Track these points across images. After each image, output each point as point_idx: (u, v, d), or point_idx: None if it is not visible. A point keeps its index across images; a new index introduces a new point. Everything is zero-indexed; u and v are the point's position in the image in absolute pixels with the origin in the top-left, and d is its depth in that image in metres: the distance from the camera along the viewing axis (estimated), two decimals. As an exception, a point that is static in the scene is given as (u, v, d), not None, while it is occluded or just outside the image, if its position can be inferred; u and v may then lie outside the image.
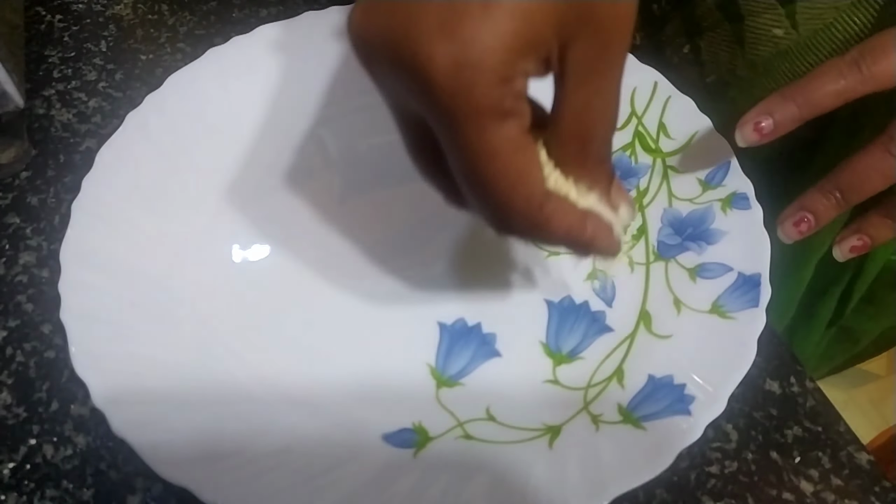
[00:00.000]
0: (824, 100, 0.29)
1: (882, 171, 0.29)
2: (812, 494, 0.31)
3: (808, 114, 0.30)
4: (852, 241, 0.32)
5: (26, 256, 0.36)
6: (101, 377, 0.28)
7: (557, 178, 0.24)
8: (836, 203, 0.31)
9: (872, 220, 0.32)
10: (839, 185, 0.30)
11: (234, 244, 0.34)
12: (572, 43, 0.21)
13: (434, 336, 0.32)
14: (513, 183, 0.22)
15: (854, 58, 0.29)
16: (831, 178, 0.31)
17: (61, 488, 0.30)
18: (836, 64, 0.29)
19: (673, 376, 0.29)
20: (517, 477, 0.27)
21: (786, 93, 0.30)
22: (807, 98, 0.29)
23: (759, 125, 0.30)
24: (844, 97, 0.29)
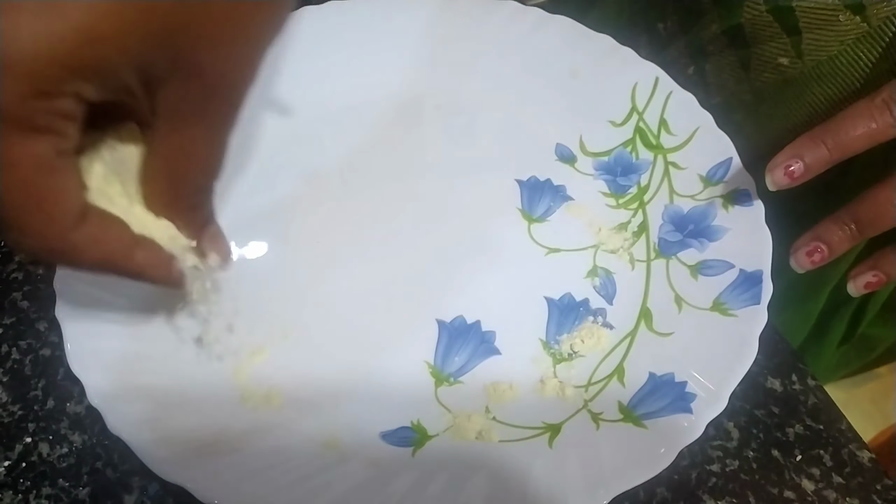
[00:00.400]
0: (855, 143, 0.29)
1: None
2: (813, 493, 0.30)
3: (837, 157, 0.30)
4: (867, 277, 0.31)
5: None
6: (97, 375, 0.28)
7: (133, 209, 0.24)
8: (851, 235, 0.30)
9: (889, 257, 0.31)
10: (856, 217, 0.30)
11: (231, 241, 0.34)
12: (163, 85, 0.21)
13: (433, 334, 0.32)
14: (30, 202, 0.21)
15: (885, 100, 0.28)
16: (849, 209, 0.30)
17: (57, 486, 0.29)
18: (866, 107, 0.29)
19: (674, 374, 0.29)
20: (517, 476, 0.27)
21: (816, 135, 0.30)
22: (837, 141, 0.29)
23: (789, 168, 0.30)
24: (875, 140, 0.29)
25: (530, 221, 0.36)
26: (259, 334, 0.32)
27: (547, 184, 0.37)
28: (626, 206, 0.36)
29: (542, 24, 0.40)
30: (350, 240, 0.35)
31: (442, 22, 0.40)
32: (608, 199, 0.36)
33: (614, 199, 0.36)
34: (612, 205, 0.36)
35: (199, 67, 0.21)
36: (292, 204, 0.36)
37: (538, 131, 0.39)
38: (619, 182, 0.37)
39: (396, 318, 0.32)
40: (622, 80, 0.38)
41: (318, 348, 0.31)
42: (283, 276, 0.33)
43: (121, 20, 0.19)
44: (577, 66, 0.39)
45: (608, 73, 0.38)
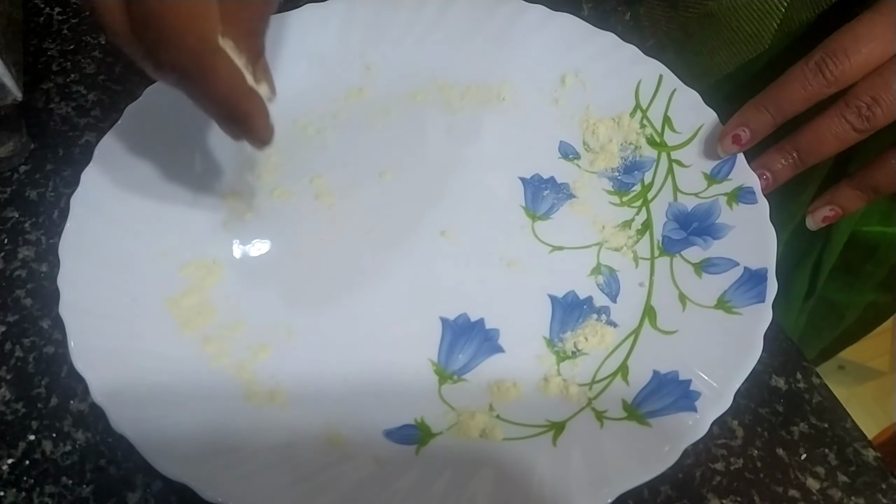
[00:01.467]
0: (794, 105, 0.32)
1: (836, 135, 0.31)
2: (818, 491, 0.30)
3: (780, 120, 0.33)
4: (824, 211, 0.34)
5: (25, 251, 0.36)
6: (101, 373, 0.28)
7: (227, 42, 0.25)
8: (794, 163, 0.33)
9: (844, 192, 0.34)
10: (797, 146, 0.33)
11: (234, 239, 0.34)
12: None
13: (436, 331, 0.32)
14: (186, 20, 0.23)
15: (817, 63, 0.31)
16: (791, 139, 0.33)
17: (60, 484, 0.29)
18: (801, 71, 0.31)
19: (678, 372, 0.29)
20: (520, 474, 0.27)
21: (758, 103, 0.33)
22: (778, 106, 0.32)
23: (737, 136, 0.33)
24: (812, 101, 0.32)
25: (534, 219, 0.35)
26: (262, 332, 0.32)
27: (550, 181, 0.37)
28: (629, 204, 0.36)
29: (545, 21, 0.40)
30: (353, 238, 0.35)
31: (444, 20, 0.40)
32: (612, 197, 0.36)
33: (618, 197, 0.36)
34: (616, 202, 0.36)
35: None
36: (295, 202, 0.36)
37: (541, 129, 0.38)
38: (622, 180, 0.36)
39: (400, 316, 0.32)
40: (626, 77, 0.38)
41: (321, 346, 0.31)
42: (287, 275, 0.33)
43: None
44: (580, 63, 0.39)
45: (611, 70, 0.38)
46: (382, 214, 0.35)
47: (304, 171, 0.37)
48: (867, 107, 0.31)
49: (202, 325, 0.31)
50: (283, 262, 0.34)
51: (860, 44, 0.30)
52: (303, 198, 0.36)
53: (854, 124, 0.31)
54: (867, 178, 0.33)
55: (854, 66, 0.31)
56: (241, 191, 0.36)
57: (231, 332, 0.31)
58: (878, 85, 0.30)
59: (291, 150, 0.37)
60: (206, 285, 0.32)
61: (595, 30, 0.39)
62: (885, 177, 0.33)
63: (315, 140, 0.38)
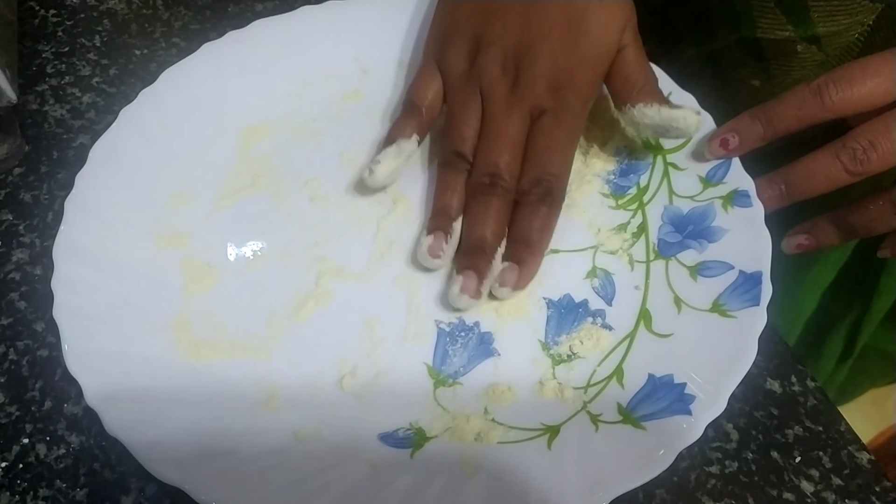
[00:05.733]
0: (786, 123, 0.32)
1: (827, 174, 0.31)
2: (813, 494, 0.30)
3: (770, 135, 0.32)
4: (800, 238, 0.34)
5: (19, 253, 0.36)
6: (95, 376, 0.28)
7: None
8: (780, 195, 0.33)
9: (822, 225, 0.34)
10: (786, 179, 0.32)
11: (228, 242, 0.34)
12: None
13: (431, 335, 0.32)
14: None
15: (819, 85, 0.31)
16: (781, 171, 0.33)
17: (54, 488, 0.29)
18: (801, 91, 0.31)
19: (673, 375, 0.29)
20: (516, 477, 0.27)
21: (753, 114, 0.33)
22: (770, 120, 0.32)
23: (725, 141, 0.33)
24: (806, 122, 0.31)
25: (529, 222, 0.35)
26: (256, 336, 0.32)
27: (546, 184, 0.37)
28: (625, 207, 0.36)
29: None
30: (349, 240, 0.35)
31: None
32: (607, 200, 0.36)
33: (614, 200, 0.36)
34: (612, 205, 0.36)
35: None
36: (290, 204, 0.36)
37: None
38: (618, 183, 0.36)
39: (395, 320, 0.32)
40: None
41: (315, 349, 0.31)
42: (281, 277, 0.33)
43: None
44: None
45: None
46: (377, 218, 0.35)
47: (299, 173, 0.37)
48: (863, 150, 0.30)
49: (196, 328, 0.31)
50: (278, 264, 0.34)
51: (866, 77, 0.30)
52: (298, 200, 0.36)
53: (847, 165, 0.31)
54: (846, 218, 0.33)
55: (854, 96, 0.30)
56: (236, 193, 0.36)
57: (225, 336, 0.31)
58: (878, 129, 0.30)
59: (287, 152, 0.37)
60: (201, 288, 0.32)
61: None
62: (861, 220, 0.33)
63: (310, 142, 0.38)
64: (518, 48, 0.33)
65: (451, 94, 0.35)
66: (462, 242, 0.33)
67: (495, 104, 0.33)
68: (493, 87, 0.33)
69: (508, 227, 0.33)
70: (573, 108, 0.33)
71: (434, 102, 0.35)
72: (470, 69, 0.34)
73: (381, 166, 0.33)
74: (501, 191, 0.32)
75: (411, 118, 0.34)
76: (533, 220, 0.32)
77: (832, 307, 0.45)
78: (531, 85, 0.33)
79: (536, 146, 0.33)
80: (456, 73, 0.34)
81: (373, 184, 0.34)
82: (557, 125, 0.33)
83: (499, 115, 0.33)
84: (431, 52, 0.36)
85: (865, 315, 0.44)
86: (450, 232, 0.33)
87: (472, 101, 0.34)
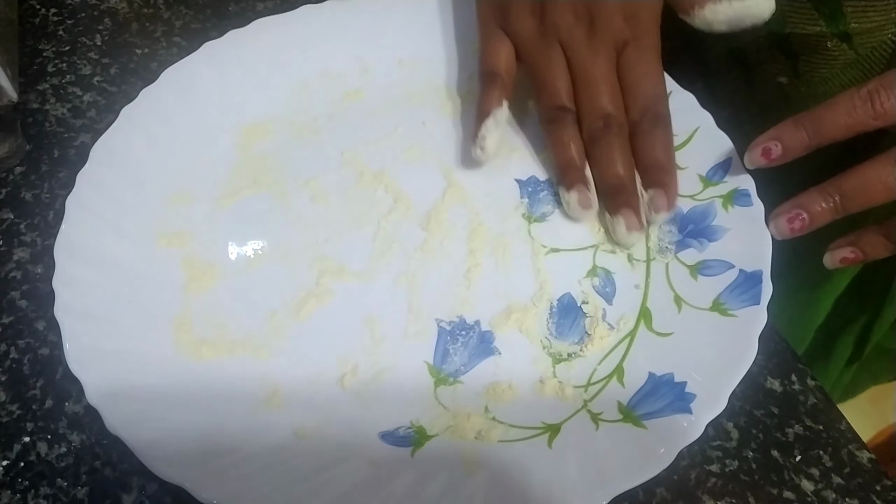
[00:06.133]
0: (834, 131, 0.30)
1: (886, 184, 0.29)
2: (813, 493, 0.30)
3: (816, 143, 0.30)
4: (845, 251, 0.32)
5: (20, 252, 0.36)
6: (96, 374, 0.28)
7: None
8: (834, 208, 0.30)
9: (869, 237, 0.31)
10: (841, 190, 0.30)
11: (229, 241, 0.34)
12: None
13: (432, 333, 0.32)
14: None
15: (869, 92, 0.29)
16: (834, 182, 0.30)
17: (55, 486, 0.29)
18: (850, 97, 0.29)
19: (673, 374, 0.29)
20: (516, 476, 0.27)
21: (798, 120, 0.31)
22: (817, 128, 0.30)
23: (767, 150, 0.31)
24: (854, 130, 0.29)
25: (530, 221, 0.35)
26: (258, 334, 0.32)
27: (547, 183, 0.37)
28: (625, 206, 0.36)
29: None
30: (350, 239, 0.35)
31: (442, 20, 0.40)
32: (608, 199, 0.36)
33: (614, 199, 0.36)
34: (612, 204, 0.36)
35: None
36: (291, 203, 0.36)
37: (538, 131, 0.38)
38: (618, 182, 0.36)
39: (395, 318, 0.32)
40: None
41: (316, 348, 0.31)
42: (282, 276, 0.33)
43: None
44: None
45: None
46: (378, 216, 0.35)
47: (299, 172, 0.37)
48: None
49: (197, 326, 0.31)
50: (279, 263, 0.34)
51: None
52: (298, 199, 0.36)
53: None
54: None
55: None
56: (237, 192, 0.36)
57: (226, 334, 0.31)
58: None
59: (287, 151, 0.37)
60: (202, 287, 0.32)
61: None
62: None
63: (311, 141, 0.38)
64: None
65: (530, 53, 0.35)
66: (602, 188, 0.34)
67: (580, 51, 0.34)
68: (573, 35, 0.34)
69: (635, 159, 0.34)
70: (650, 28, 0.34)
71: (510, 66, 0.36)
72: (541, 25, 0.35)
73: (488, 141, 0.35)
74: (617, 128, 0.34)
75: (495, 87, 0.35)
76: (655, 145, 0.34)
77: (843, 313, 0.45)
78: (608, 21, 0.34)
79: (630, 77, 0.34)
80: (529, 33, 0.35)
81: (486, 158, 0.36)
82: (643, 52, 0.34)
83: (587, 59, 0.34)
84: (491, 18, 0.36)
85: (876, 320, 0.44)
86: (586, 181, 0.34)
87: (556, 55, 0.35)
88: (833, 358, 0.47)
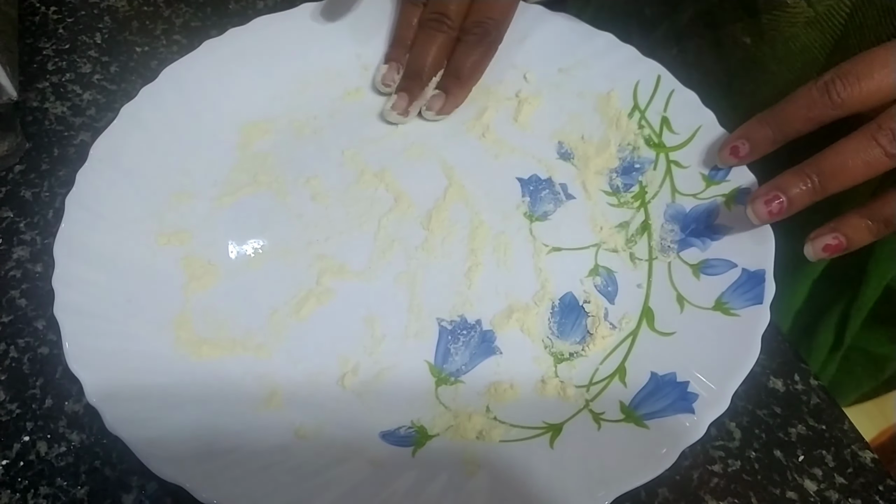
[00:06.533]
0: (796, 125, 0.31)
1: (866, 160, 0.28)
2: (816, 493, 0.30)
3: (781, 138, 0.31)
4: (827, 238, 0.30)
5: (20, 251, 0.35)
6: (95, 373, 0.28)
7: None
8: (813, 189, 0.30)
9: (851, 221, 0.30)
10: (819, 169, 0.29)
11: (229, 240, 0.34)
12: None
13: (433, 333, 0.32)
14: None
15: (826, 84, 0.29)
16: (812, 162, 0.30)
17: (55, 486, 0.29)
18: (808, 90, 0.30)
19: (676, 374, 0.29)
20: (517, 476, 0.27)
21: (762, 118, 0.32)
22: (779, 124, 0.31)
23: (735, 148, 0.33)
24: (816, 122, 0.30)
25: (532, 220, 0.35)
26: (258, 334, 0.31)
27: (548, 182, 0.37)
28: (627, 205, 0.36)
29: (543, 21, 0.40)
30: (350, 238, 0.35)
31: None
32: (610, 198, 0.36)
33: (616, 198, 0.36)
34: (614, 203, 0.36)
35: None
36: (291, 202, 0.36)
37: (539, 129, 0.38)
38: (621, 180, 0.36)
39: (396, 318, 0.32)
40: (624, 77, 0.38)
41: (316, 347, 0.31)
42: (283, 275, 0.33)
43: None
44: (579, 63, 0.39)
45: (610, 70, 0.38)
46: (379, 215, 0.35)
47: (300, 171, 0.36)
48: None
49: (197, 326, 0.31)
50: (279, 262, 0.34)
51: (874, 69, 0.29)
52: (299, 198, 0.36)
53: (887, 148, 0.28)
54: (879, 210, 0.30)
55: (864, 91, 0.29)
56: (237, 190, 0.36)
57: (226, 333, 0.31)
58: None
59: (288, 150, 0.37)
60: (201, 286, 0.32)
61: (593, 30, 0.39)
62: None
63: (311, 140, 0.38)
64: None
65: None
66: (406, 68, 0.38)
67: None
68: None
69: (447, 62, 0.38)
70: None
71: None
72: None
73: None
74: (446, 28, 0.37)
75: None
76: (468, 57, 0.37)
77: (822, 296, 0.45)
78: None
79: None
80: None
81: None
82: None
83: None
84: None
85: (854, 303, 0.44)
86: (402, 62, 0.38)
87: None
88: (815, 345, 0.47)
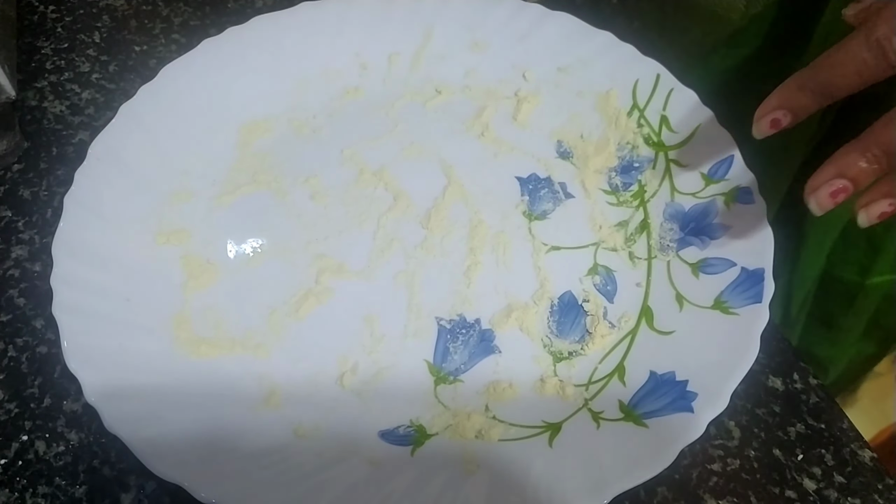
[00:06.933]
0: (845, 90, 0.27)
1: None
2: (815, 492, 0.30)
3: (826, 103, 0.27)
4: (881, 206, 0.26)
5: (18, 250, 0.35)
6: (94, 372, 0.28)
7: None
8: (878, 166, 0.26)
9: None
10: (880, 142, 0.26)
11: (228, 239, 0.34)
12: None
13: (432, 332, 0.32)
14: None
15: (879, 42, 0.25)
16: (870, 135, 0.26)
17: (53, 485, 0.29)
18: (858, 52, 0.26)
19: (675, 373, 0.29)
20: (516, 475, 0.27)
21: (802, 83, 0.27)
22: (825, 89, 0.27)
23: (777, 121, 0.28)
24: (868, 84, 0.26)
25: (531, 219, 0.35)
26: (256, 333, 0.31)
27: (547, 181, 0.37)
28: (626, 204, 0.36)
29: (543, 20, 0.40)
30: (349, 237, 0.34)
31: (442, 18, 0.40)
32: (609, 197, 0.36)
33: (615, 197, 0.36)
34: (613, 202, 0.36)
35: None
36: (290, 202, 0.36)
37: (538, 128, 0.38)
38: (620, 179, 0.36)
39: (396, 317, 0.32)
40: (623, 76, 0.38)
41: (315, 347, 0.31)
42: (282, 274, 0.33)
43: None
44: (578, 62, 0.39)
45: (609, 69, 0.38)
46: (378, 214, 0.35)
47: (299, 170, 0.36)
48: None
49: (196, 325, 0.31)
50: (278, 261, 0.34)
51: None
52: (298, 197, 0.36)
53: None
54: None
55: None
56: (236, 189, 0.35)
57: (225, 333, 0.31)
58: None
59: (287, 149, 0.37)
60: (200, 285, 0.32)
61: (593, 29, 0.39)
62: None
63: (311, 139, 0.38)
64: None
65: None
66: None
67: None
68: None
69: None
70: None
71: None
72: None
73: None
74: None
75: None
76: None
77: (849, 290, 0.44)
78: None
79: None
80: None
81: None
82: None
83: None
84: None
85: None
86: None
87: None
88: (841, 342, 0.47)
